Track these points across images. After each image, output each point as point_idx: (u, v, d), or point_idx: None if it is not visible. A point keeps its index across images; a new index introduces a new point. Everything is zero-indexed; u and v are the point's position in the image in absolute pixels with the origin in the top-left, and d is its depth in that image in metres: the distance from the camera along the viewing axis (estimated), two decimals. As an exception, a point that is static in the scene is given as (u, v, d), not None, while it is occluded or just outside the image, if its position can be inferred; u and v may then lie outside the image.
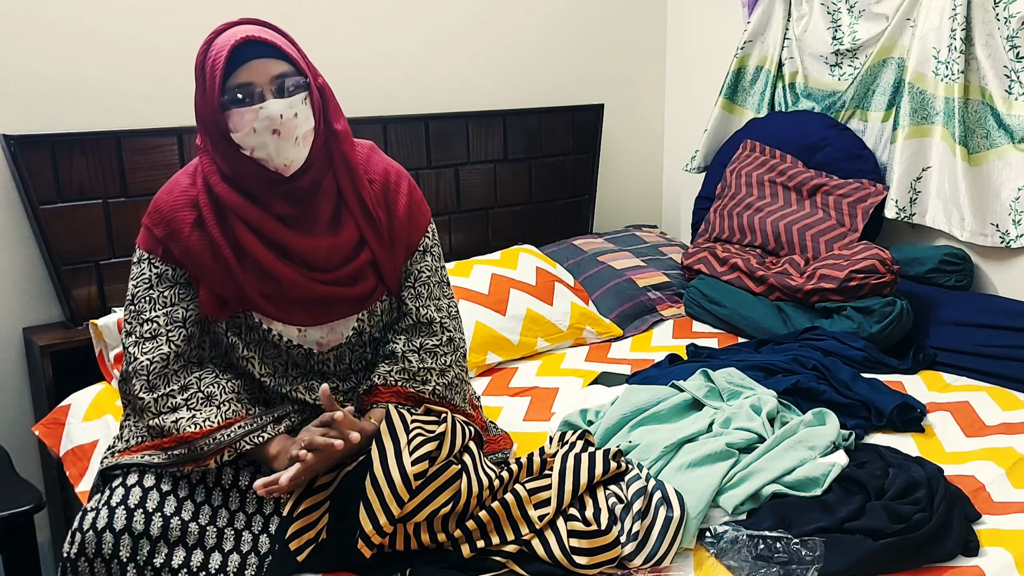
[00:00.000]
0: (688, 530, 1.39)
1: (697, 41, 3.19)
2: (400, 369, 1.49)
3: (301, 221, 1.44)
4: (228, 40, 1.34)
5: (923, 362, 2.15)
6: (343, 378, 1.54)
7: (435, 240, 1.61)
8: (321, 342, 1.49)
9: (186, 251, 1.40)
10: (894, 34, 2.54)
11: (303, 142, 1.39)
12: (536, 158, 2.91)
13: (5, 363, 2.19)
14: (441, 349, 1.53)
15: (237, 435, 1.36)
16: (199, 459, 1.35)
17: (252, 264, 1.41)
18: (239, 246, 1.41)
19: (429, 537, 1.33)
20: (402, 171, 1.58)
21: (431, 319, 1.54)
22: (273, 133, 1.35)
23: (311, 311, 1.46)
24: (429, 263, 1.57)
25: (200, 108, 1.39)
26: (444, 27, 2.72)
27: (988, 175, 2.37)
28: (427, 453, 1.33)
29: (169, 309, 1.41)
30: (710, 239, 2.74)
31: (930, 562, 1.34)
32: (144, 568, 1.27)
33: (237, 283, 1.41)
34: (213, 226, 1.40)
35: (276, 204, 1.41)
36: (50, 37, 2.10)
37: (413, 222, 1.55)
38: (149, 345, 1.39)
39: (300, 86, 1.38)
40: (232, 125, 1.36)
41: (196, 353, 1.43)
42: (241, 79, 1.34)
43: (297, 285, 1.43)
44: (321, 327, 1.48)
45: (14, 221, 2.13)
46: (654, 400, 1.75)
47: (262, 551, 1.35)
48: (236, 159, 1.38)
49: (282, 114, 1.35)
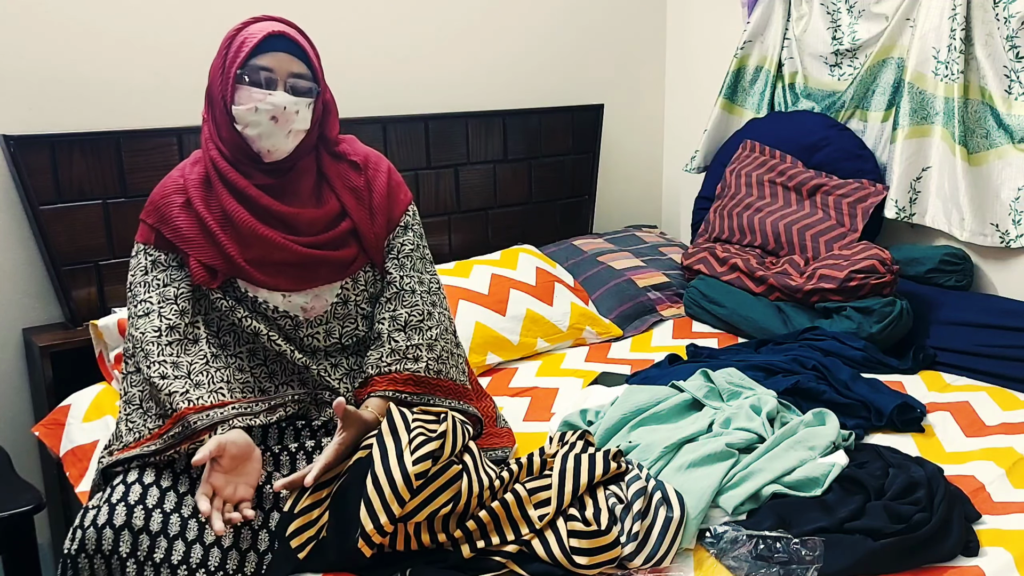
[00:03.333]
0: (688, 530, 1.39)
1: (697, 41, 3.19)
2: (389, 351, 1.53)
3: (283, 192, 1.52)
4: (264, 28, 1.45)
5: (923, 362, 2.15)
6: (335, 363, 1.57)
7: (416, 220, 1.67)
8: (306, 307, 1.54)
9: (175, 230, 1.49)
10: (894, 34, 2.54)
11: (293, 137, 1.48)
12: (536, 158, 2.91)
13: (5, 363, 2.19)
14: (425, 323, 1.57)
15: (230, 414, 1.39)
16: (194, 436, 1.36)
17: (236, 231, 1.49)
18: (224, 217, 1.49)
19: (429, 537, 1.33)
20: (384, 158, 1.67)
21: (413, 289, 1.59)
22: (271, 119, 1.45)
23: (294, 276, 1.52)
24: (411, 238, 1.64)
25: (214, 75, 1.49)
26: (444, 27, 2.72)
27: (988, 175, 2.37)
28: (430, 452, 1.33)
29: (162, 289, 1.49)
30: (710, 239, 2.74)
31: (930, 562, 1.34)
32: (144, 563, 1.27)
33: (223, 251, 1.48)
34: (199, 202, 1.49)
35: (256, 175, 1.50)
36: (50, 37, 2.10)
37: (393, 198, 1.62)
38: (142, 321, 1.46)
39: (310, 91, 1.48)
40: (238, 98, 1.45)
41: (192, 331, 1.48)
42: (263, 62, 1.45)
43: (279, 247, 1.49)
44: (305, 292, 1.54)
45: (14, 221, 2.13)
46: (654, 400, 1.76)
47: (261, 548, 1.35)
48: (227, 129, 1.48)
49: (286, 107, 1.45)
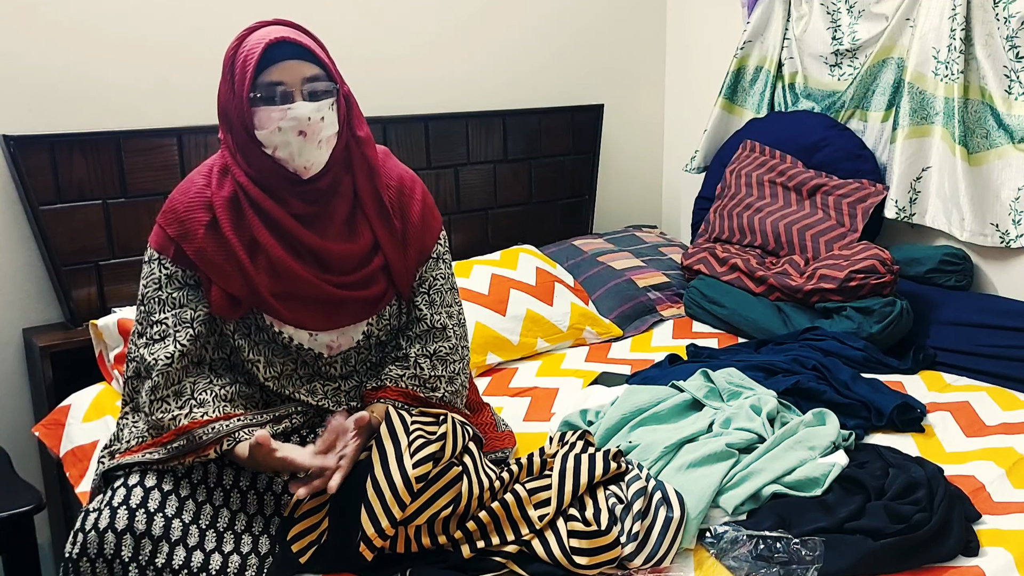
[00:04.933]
0: (688, 530, 1.39)
1: (697, 41, 3.19)
2: (412, 375, 1.51)
3: (317, 221, 1.45)
4: (263, 38, 1.36)
5: (923, 362, 2.15)
6: (346, 378, 1.55)
7: (446, 247, 1.62)
8: (331, 345, 1.50)
9: (199, 252, 1.41)
10: (894, 34, 2.54)
11: (326, 145, 1.41)
12: (536, 158, 2.91)
13: (5, 363, 2.19)
14: (451, 356, 1.55)
15: (235, 426, 1.36)
16: (199, 448, 1.34)
17: (265, 263, 1.42)
18: (253, 244, 1.41)
19: (430, 539, 1.33)
20: (416, 177, 1.60)
21: (444, 325, 1.56)
22: (299, 134, 1.37)
23: (322, 314, 1.47)
24: (442, 270, 1.59)
25: (225, 102, 1.40)
26: (444, 27, 2.72)
27: (988, 175, 2.37)
28: (431, 454, 1.33)
29: (178, 311, 1.41)
30: (710, 239, 2.74)
31: (930, 562, 1.34)
32: (146, 568, 1.27)
33: (250, 282, 1.41)
34: (227, 227, 1.41)
35: (293, 203, 1.42)
36: (50, 37, 2.10)
37: (427, 227, 1.57)
38: (158, 347, 1.39)
39: (329, 91, 1.40)
40: (258, 122, 1.37)
41: (199, 353, 1.43)
42: (272, 77, 1.36)
43: (309, 284, 1.43)
44: (331, 332, 1.49)
45: (14, 222, 2.13)
46: (654, 400, 1.76)
47: (262, 552, 1.35)
48: (256, 156, 1.39)
49: (310, 117, 1.37)
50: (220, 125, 1.43)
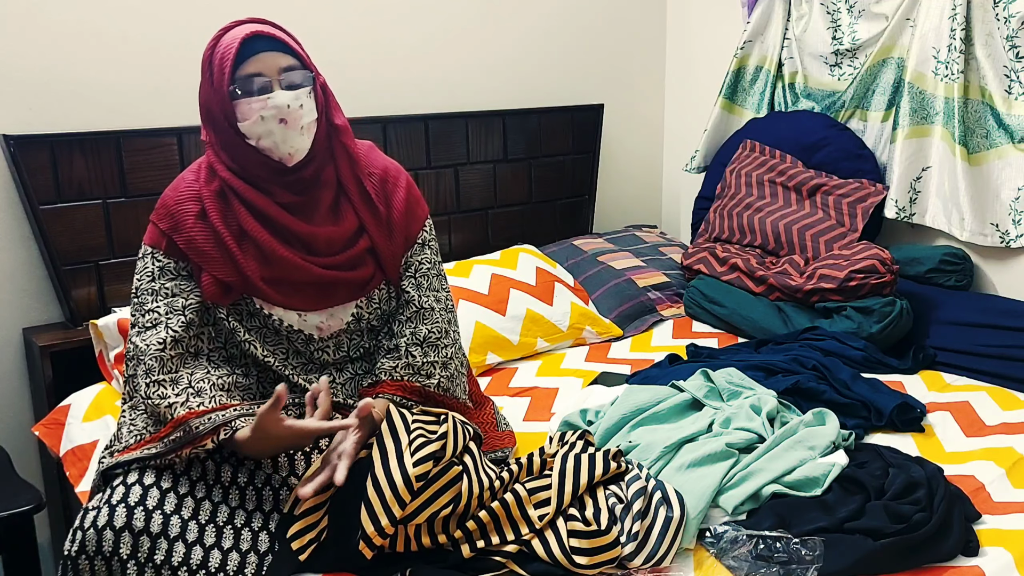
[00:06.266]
0: (688, 530, 1.39)
1: (697, 41, 3.19)
2: (404, 364, 1.53)
3: (302, 209, 1.50)
4: (238, 34, 1.41)
5: (923, 362, 2.15)
6: (340, 368, 1.57)
7: (433, 235, 1.66)
8: (321, 327, 1.54)
9: (189, 241, 1.46)
10: (894, 34, 2.54)
11: (307, 131, 1.46)
12: (536, 158, 2.91)
13: (5, 363, 2.19)
14: (442, 340, 1.57)
15: (232, 416, 1.36)
16: (196, 439, 1.34)
17: (254, 249, 1.47)
18: (241, 232, 1.46)
19: (429, 539, 1.33)
20: (401, 169, 1.64)
21: (431, 307, 1.59)
22: (280, 122, 1.42)
23: (311, 296, 1.51)
24: (428, 256, 1.63)
25: (207, 100, 1.45)
26: (444, 27, 2.72)
27: (988, 175, 2.37)
28: (432, 453, 1.33)
29: (170, 299, 1.46)
30: (710, 239, 2.74)
31: (930, 562, 1.34)
32: (145, 565, 1.27)
33: (239, 269, 1.46)
34: (216, 216, 1.46)
35: (279, 193, 1.48)
36: (50, 37, 2.10)
37: (411, 215, 1.61)
38: (149, 333, 1.43)
39: (305, 80, 1.46)
40: (240, 115, 1.42)
41: (194, 344, 1.47)
42: (250, 70, 1.41)
43: (297, 268, 1.48)
44: (321, 312, 1.53)
45: (14, 221, 2.13)
46: (654, 400, 1.76)
47: (262, 549, 1.35)
48: (241, 149, 1.45)
49: (289, 104, 1.42)
50: (203, 125, 1.49)
